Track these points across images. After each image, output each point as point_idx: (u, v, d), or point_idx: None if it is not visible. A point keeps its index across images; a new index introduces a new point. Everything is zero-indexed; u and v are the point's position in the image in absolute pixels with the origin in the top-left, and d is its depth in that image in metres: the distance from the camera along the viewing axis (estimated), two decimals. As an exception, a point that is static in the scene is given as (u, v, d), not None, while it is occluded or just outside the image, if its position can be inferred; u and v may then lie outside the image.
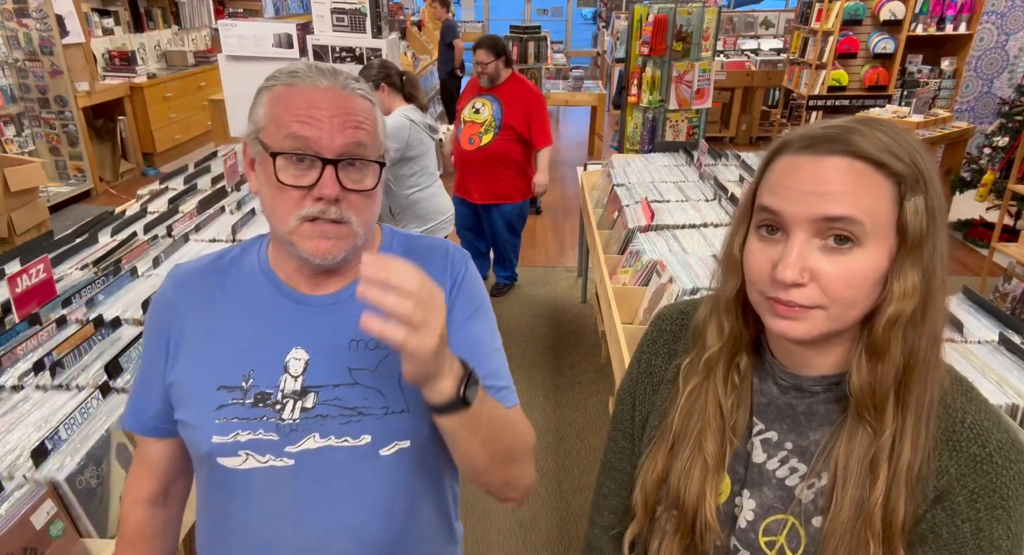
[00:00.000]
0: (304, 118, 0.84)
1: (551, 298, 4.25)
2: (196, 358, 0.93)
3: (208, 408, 0.90)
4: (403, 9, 8.69)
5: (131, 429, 1.00)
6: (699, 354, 0.83)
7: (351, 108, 0.86)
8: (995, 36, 6.11)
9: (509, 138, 3.69)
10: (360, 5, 3.56)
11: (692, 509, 0.81)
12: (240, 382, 0.90)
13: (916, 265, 0.69)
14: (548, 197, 6.12)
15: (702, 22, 4.53)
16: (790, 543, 0.78)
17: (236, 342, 0.93)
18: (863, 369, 0.71)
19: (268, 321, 0.93)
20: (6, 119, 5.36)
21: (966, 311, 1.83)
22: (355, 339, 0.92)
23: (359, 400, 0.90)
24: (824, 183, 0.67)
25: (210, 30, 8.20)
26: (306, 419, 0.89)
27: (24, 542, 1.11)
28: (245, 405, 0.90)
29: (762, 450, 0.81)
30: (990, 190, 4.84)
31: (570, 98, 7.07)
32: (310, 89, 0.85)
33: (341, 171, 0.84)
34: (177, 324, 0.95)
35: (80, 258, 2.06)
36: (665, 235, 2.48)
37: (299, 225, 0.85)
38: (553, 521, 2.52)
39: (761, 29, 9.05)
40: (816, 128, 0.71)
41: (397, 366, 0.88)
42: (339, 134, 0.84)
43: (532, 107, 3.70)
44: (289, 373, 0.91)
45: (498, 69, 3.64)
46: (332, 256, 0.87)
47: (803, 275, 0.68)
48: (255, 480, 0.90)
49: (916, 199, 0.68)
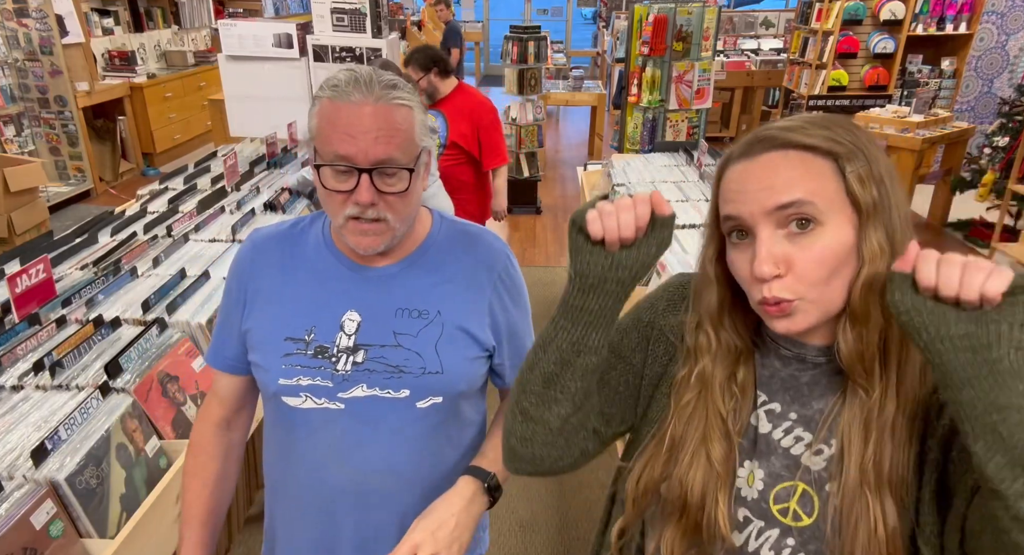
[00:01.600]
0: (343, 136, 0.94)
1: (551, 298, 4.25)
2: (268, 311, 1.08)
3: (276, 354, 1.05)
4: (403, 9, 8.70)
5: (212, 365, 1.15)
6: (691, 368, 0.84)
7: (385, 121, 0.95)
8: (995, 36, 6.11)
9: (456, 159, 3.25)
10: (360, 5, 3.56)
11: (696, 512, 0.81)
12: (304, 335, 1.05)
13: (879, 228, 0.72)
14: (548, 197, 6.12)
15: (702, 22, 4.53)
16: (804, 508, 0.79)
17: (302, 301, 1.07)
18: (849, 337, 0.75)
19: (329, 286, 1.07)
20: (6, 119, 5.36)
21: (966, 311, 1.83)
22: (401, 307, 1.06)
23: (401, 360, 1.04)
24: (766, 177, 0.72)
25: (210, 30, 8.20)
26: (356, 371, 1.04)
27: (24, 542, 1.11)
28: (307, 355, 1.04)
29: (767, 421, 0.82)
30: (990, 190, 4.84)
31: (570, 98, 7.07)
32: (347, 106, 0.95)
33: (376, 178, 0.95)
34: (254, 281, 1.10)
35: (80, 258, 2.06)
36: (665, 235, 2.48)
37: (345, 222, 0.99)
38: (553, 521, 2.52)
39: (761, 29, 9.05)
40: (750, 135, 0.76)
41: (434, 335, 1.06)
42: (372, 148, 0.94)
43: (480, 122, 3.22)
44: (344, 331, 1.05)
45: (432, 84, 3.18)
46: (372, 249, 1.00)
47: (779, 266, 0.72)
48: (312, 418, 1.06)
49: (856, 167, 0.72)
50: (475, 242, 1.13)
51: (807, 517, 0.79)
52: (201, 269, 2.01)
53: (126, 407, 1.41)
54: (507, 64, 5.62)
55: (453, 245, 1.12)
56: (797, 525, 0.80)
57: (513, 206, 5.77)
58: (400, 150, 0.96)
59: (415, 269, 1.09)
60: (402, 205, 0.99)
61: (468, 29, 9.54)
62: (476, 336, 1.08)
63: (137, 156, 6.41)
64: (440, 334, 1.06)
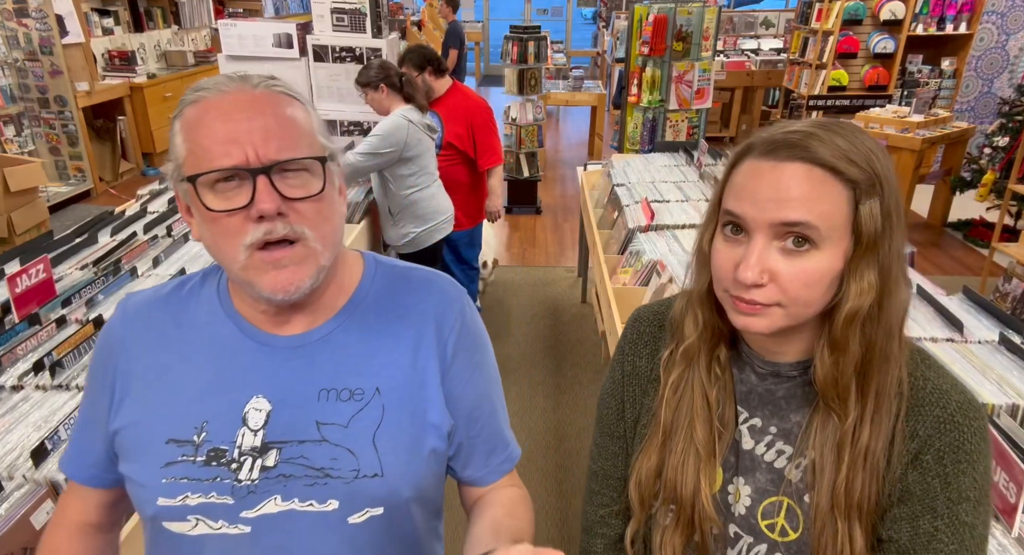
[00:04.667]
0: (221, 136, 0.73)
1: (551, 298, 4.25)
2: (144, 405, 0.82)
3: (155, 464, 0.79)
4: (403, 9, 8.69)
5: (69, 476, 0.89)
6: (677, 345, 0.86)
7: (271, 107, 0.76)
8: (995, 36, 6.10)
9: (452, 159, 3.31)
10: (360, 5, 3.55)
11: (689, 500, 0.83)
12: (192, 436, 0.80)
13: (872, 264, 0.72)
14: (548, 197, 6.12)
15: (702, 22, 4.53)
16: (790, 523, 0.81)
17: (190, 388, 0.82)
18: (826, 362, 0.75)
19: (227, 364, 0.82)
20: (6, 119, 5.36)
21: (966, 311, 1.83)
22: (326, 388, 0.81)
23: (326, 460, 0.79)
24: (783, 189, 0.71)
25: (210, 30, 8.20)
26: (266, 479, 0.79)
27: (24, 542, 1.11)
28: (196, 463, 0.79)
29: (750, 437, 0.84)
30: (990, 190, 4.84)
31: (570, 98, 7.07)
32: (219, 98, 0.75)
33: (277, 180, 0.74)
34: (124, 364, 0.84)
35: (80, 258, 2.06)
36: (665, 235, 2.48)
37: (249, 257, 0.75)
38: (553, 521, 2.52)
39: (761, 29, 9.05)
40: (779, 132, 0.73)
41: (371, 422, 0.81)
42: (263, 142, 0.73)
43: (475, 122, 3.28)
44: (248, 426, 0.80)
45: (427, 83, 3.22)
46: (295, 286, 0.76)
47: (763, 276, 0.72)
48: (207, 548, 0.80)
49: (871, 202, 0.71)
50: (423, 290, 0.89)
51: (793, 532, 0.81)
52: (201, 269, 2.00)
53: (126, 407, 1.41)
54: (507, 64, 5.61)
55: (394, 295, 0.88)
56: (784, 540, 0.81)
57: (513, 206, 5.78)
58: (299, 147, 0.76)
59: (344, 333, 0.84)
60: (321, 216, 0.77)
61: (468, 29, 9.54)
62: (429, 419, 0.84)
63: (137, 156, 6.41)
64: (380, 421, 0.82)
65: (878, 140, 0.77)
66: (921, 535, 0.75)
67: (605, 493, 0.98)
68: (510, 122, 5.63)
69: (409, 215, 2.93)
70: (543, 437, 2.95)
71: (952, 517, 0.75)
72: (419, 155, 2.85)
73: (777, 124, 0.76)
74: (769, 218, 0.71)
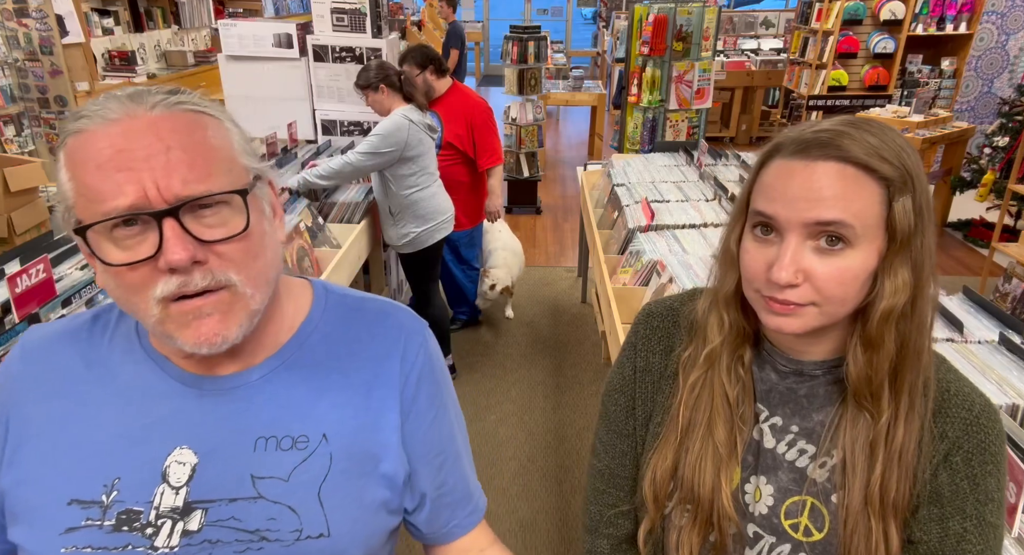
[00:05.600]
0: (109, 173, 0.59)
1: (551, 298, 4.25)
2: (42, 458, 0.70)
3: (53, 531, 0.67)
4: (403, 9, 8.69)
5: None
6: (699, 348, 0.85)
7: (174, 131, 0.62)
8: (995, 36, 6.10)
9: (452, 159, 3.30)
10: (360, 5, 3.55)
11: (708, 499, 0.82)
12: (100, 495, 0.68)
13: (906, 261, 0.72)
14: (548, 197, 6.12)
15: (702, 22, 4.53)
16: (815, 523, 0.80)
17: (99, 438, 0.69)
18: (859, 360, 0.75)
19: (145, 411, 0.70)
20: (6, 119, 5.36)
21: (966, 311, 1.83)
22: (263, 436, 0.71)
23: (263, 520, 0.69)
24: (816, 188, 0.70)
25: (210, 30, 8.21)
26: (188, 546, 0.68)
27: None
28: (104, 529, 0.67)
29: (771, 435, 0.83)
30: (990, 190, 4.84)
31: (570, 98, 7.07)
32: (103, 129, 0.60)
33: (188, 220, 0.62)
34: (19, 407, 0.71)
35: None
36: (665, 235, 2.48)
37: (163, 309, 0.63)
38: (553, 521, 2.52)
39: (761, 29, 9.05)
40: (808, 131, 0.73)
41: (317, 474, 0.71)
42: (164, 172, 0.60)
43: (475, 122, 3.28)
44: (169, 482, 0.69)
45: (428, 82, 3.23)
46: (221, 338, 0.65)
47: (797, 276, 0.71)
48: None
49: (904, 199, 0.70)
50: (379, 323, 0.79)
51: (818, 532, 0.80)
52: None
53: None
54: (507, 64, 5.61)
55: (346, 329, 0.78)
56: (809, 540, 0.80)
57: (513, 206, 5.78)
58: (214, 175, 0.62)
59: (287, 372, 0.73)
60: (246, 256, 0.65)
61: (468, 29, 9.54)
62: (381, 468, 0.74)
63: (137, 156, 6.41)
64: (327, 472, 0.71)
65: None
66: (951, 536, 0.76)
67: (611, 492, 0.97)
68: (510, 122, 5.63)
69: (409, 215, 2.93)
70: (543, 437, 2.95)
71: (979, 518, 0.76)
72: (420, 155, 2.85)
73: (804, 124, 0.75)
74: (803, 218, 0.70)
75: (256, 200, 0.67)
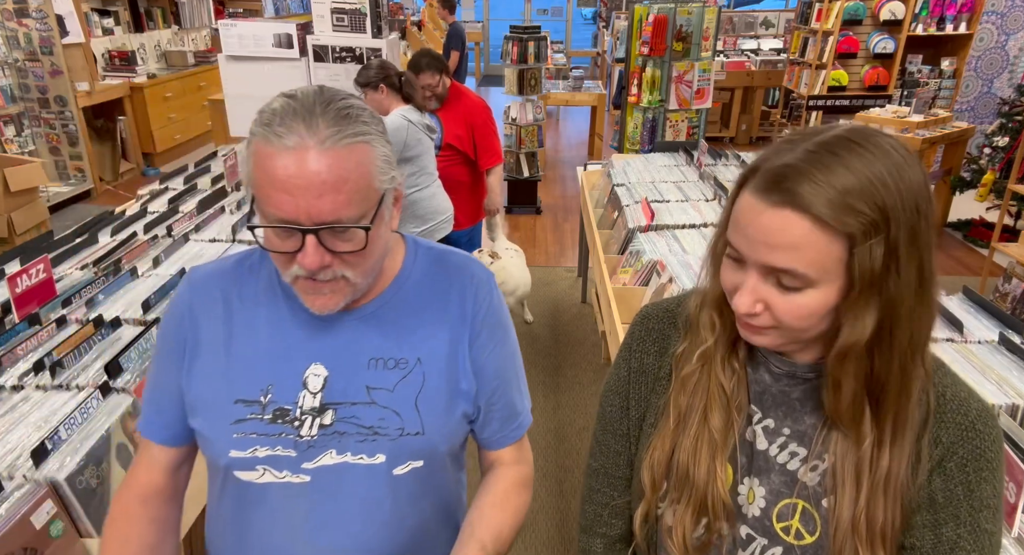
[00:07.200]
0: (280, 194, 0.77)
1: (551, 298, 4.25)
2: (213, 368, 0.92)
3: (225, 421, 0.90)
4: (403, 9, 8.69)
5: (147, 436, 0.97)
6: (694, 344, 0.86)
7: (331, 170, 0.77)
8: (995, 36, 6.11)
9: (451, 159, 3.29)
10: (360, 5, 3.56)
11: (703, 481, 0.82)
12: (258, 396, 0.90)
13: (871, 303, 0.69)
14: (548, 197, 6.12)
15: (702, 22, 4.53)
16: (806, 526, 0.80)
17: (254, 354, 0.91)
18: (828, 393, 0.76)
19: (288, 334, 0.92)
20: (6, 119, 5.36)
21: (966, 311, 1.83)
22: (374, 357, 0.92)
23: (375, 420, 0.90)
24: (772, 234, 0.68)
25: (210, 30, 8.20)
26: (324, 435, 0.90)
27: (24, 542, 1.11)
28: (264, 421, 0.89)
29: (764, 437, 0.83)
30: (990, 190, 4.84)
31: (570, 98, 7.07)
32: (284, 154, 0.77)
33: (326, 238, 0.80)
34: (193, 330, 0.93)
35: (80, 258, 2.05)
36: (665, 235, 2.48)
37: (293, 281, 0.85)
38: (553, 521, 2.52)
39: (761, 29, 9.05)
40: (779, 163, 0.69)
41: (414, 388, 0.92)
42: (315, 205, 0.77)
43: (475, 122, 3.27)
44: (308, 389, 0.90)
45: (445, 86, 3.22)
46: (329, 309, 0.86)
47: (756, 306, 0.72)
48: (271, 493, 0.91)
49: (871, 244, 0.66)
50: (456, 273, 0.99)
51: (809, 536, 0.80)
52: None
53: (126, 407, 1.41)
54: (507, 64, 5.62)
55: (433, 277, 0.98)
56: (800, 543, 0.80)
57: (513, 206, 5.78)
58: (353, 205, 0.79)
59: (389, 310, 0.94)
60: (362, 260, 0.84)
61: (468, 29, 9.53)
62: (460, 386, 0.95)
63: (137, 156, 6.41)
64: (421, 387, 0.92)
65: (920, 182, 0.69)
66: (944, 543, 0.75)
67: (605, 491, 0.98)
68: (510, 122, 5.63)
69: (408, 215, 2.93)
70: (543, 437, 2.95)
71: (974, 524, 0.75)
72: (419, 155, 2.85)
73: (791, 142, 0.71)
74: (760, 259, 0.70)
75: (379, 220, 0.84)
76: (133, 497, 0.97)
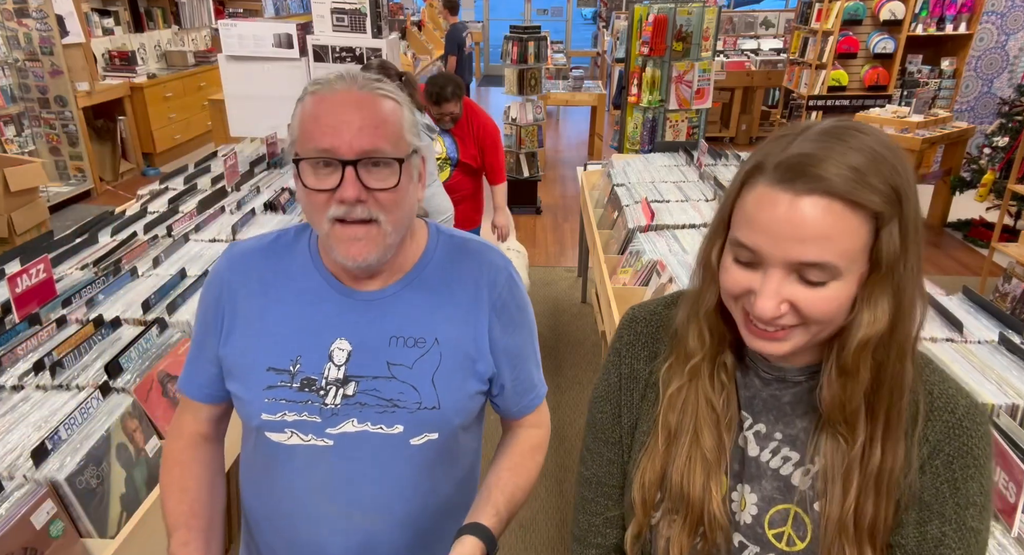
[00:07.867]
0: (325, 129, 0.87)
1: (551, 298, 4.25)
2: (248, 337, 1.00)
3: (258, 386, 0.98)
4: (403, 9, 8.69)
5: (187, 394, 1.07)
6: (679, 360, 0.83)
7: (369, 108, 0.89)
8: (995, 36, 6.11)
9: (464, 173, 3.39)
10: (360, 5, 3.56)
11: (699, 501, 0.81)
12: (288, 366, 0.98)
13: (887, 288, 0.69)
14: (548, 197, 6.12)
15: (702, 22, 4.53)
16: (797, 532, 0.79)
17: (285, 326, 0.99)
18: (834, 386, 0.74)
19: (316, 310, 0.99)
20: (6, 119, 5.36)
21: (966, 311, 1.83)
22: (395, 335, 0.99)
23: (395, 393, 0.97)
24: (801, 227, 0.66)
25: (210, 30, 8.20)
26: (347, 405, 0.97)
27: (24, 542, 1.11)
28: (292, 388, 0.97)
29: (755, 443, 0.82)
30: (990, 190, 4.84)
31: (570, 98, 7.07)
32: (328, 96, 0.89)
33: (363, 171, 0.88)
34: (231, 302, 1.01)
35: (80, 258, 2.06)
36: (665, 235, 2.48)
37: (331, 226, 0.90)
38: (553, 521, 2.52)
39: (761, 29, 9.05)
40: (792, 154, 0.68)
41: (431, 365, 0.99)
42: (356, 138, 0.87)
43: (485, 142, 3.34)
44: (333, 362, 0.98)
45: (461, 108, 3.23)
46: (363, 258, 0.91)
47: (781, 307, 0.69)
48: (297, 454, 0.99)
49: (891, 226, 0.67)
50: (475, 258, 1.05)
51: (800, 542, 0.79)
52: (201, 269, 2.01)
53: (126, 407, 1.41)
54: (507, 64, 5.62)
55: (452, 262, 1.04)
56: (791, 550, 0.80)
57: (513, 206, 5.75)
58: (388, 141, 0.89)
59: (411, 292, 1.01)
60: (394, 204, 0.91)
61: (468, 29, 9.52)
62: (476, 366, 1.01)
63: (137, 156, 6.41)
64: (438, 365, 0.99)
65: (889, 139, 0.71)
66: (929, 540, 0.75)
67: (599, 501, 0.96)
68: (510, 122, 5.63)
69: (409, 215, 2.92)
70: (543, 437, 2.94)
71: (959, 522, 0.74)
72: (419, 155, 2.84)
73: (786, 137, 0.70)
74: (788, 256, 0.67)
75: (409, 167, 0.92)
76: (184, 445, 1.08)
